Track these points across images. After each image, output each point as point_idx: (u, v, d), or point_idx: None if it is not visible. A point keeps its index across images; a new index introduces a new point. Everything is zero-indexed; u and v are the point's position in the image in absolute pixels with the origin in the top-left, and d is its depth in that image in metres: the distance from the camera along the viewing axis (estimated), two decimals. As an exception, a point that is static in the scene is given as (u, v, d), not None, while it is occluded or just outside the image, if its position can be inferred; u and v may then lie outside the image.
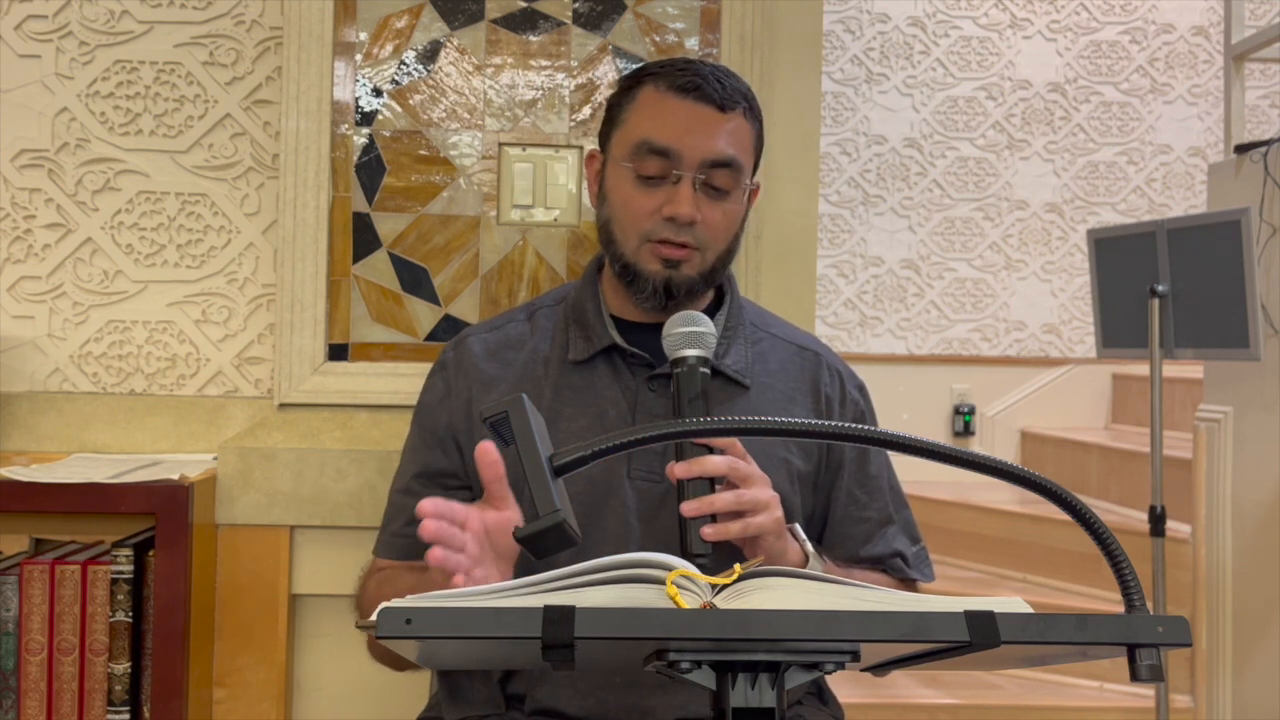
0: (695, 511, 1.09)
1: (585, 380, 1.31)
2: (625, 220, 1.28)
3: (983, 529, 3.73)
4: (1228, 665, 3.00)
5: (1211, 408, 3.10)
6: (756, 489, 1.12)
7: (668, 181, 1.25)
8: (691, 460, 1.11)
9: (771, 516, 1.12)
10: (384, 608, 0.69)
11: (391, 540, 1.35)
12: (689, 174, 1.24)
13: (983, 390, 4.44)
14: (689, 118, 1.25)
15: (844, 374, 1.39)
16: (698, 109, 1.25)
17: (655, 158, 1.25)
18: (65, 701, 1.47)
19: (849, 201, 4.42)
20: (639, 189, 1.27)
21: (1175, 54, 4.50)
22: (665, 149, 1.25)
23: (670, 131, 1.25)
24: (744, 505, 1.11)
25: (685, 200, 1.24)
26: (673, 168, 1.25)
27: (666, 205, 1.25)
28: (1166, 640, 0.71)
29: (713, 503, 1.10)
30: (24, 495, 1.48)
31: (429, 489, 1.32)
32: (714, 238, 1.27)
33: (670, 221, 1.25)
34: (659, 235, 1.26)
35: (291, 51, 1.71)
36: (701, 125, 1.25)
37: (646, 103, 1.28)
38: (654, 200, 1.26)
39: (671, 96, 1.26)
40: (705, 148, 1.25)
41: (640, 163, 1.26)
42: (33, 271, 1.75)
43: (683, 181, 1.24)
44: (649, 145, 1.25)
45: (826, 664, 0.76)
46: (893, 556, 1.36)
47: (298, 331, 1.71)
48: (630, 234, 1.28)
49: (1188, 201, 4.49)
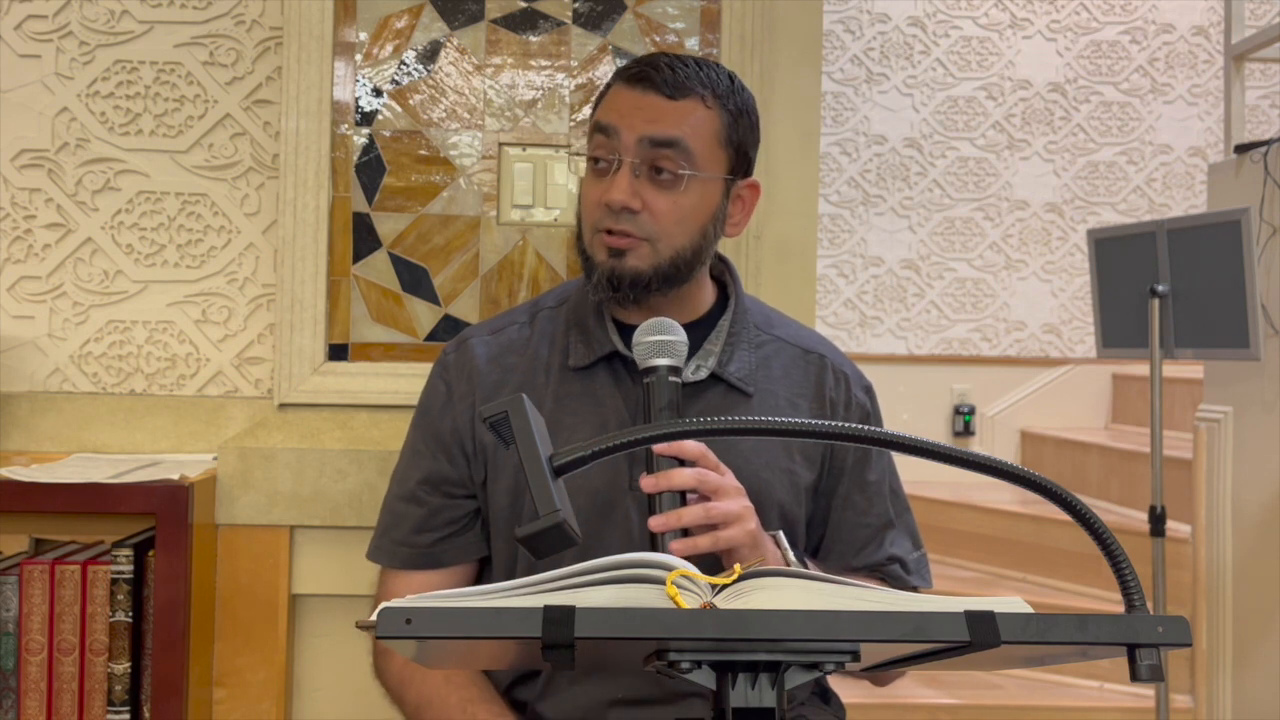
0: (663, 526, 1.07)
1: (586, 387, 1.29)
2: (582, 213, 1.29)
3: (983, 529, 3.73)
4: (1228, 665, 3.00)
5: (1211, 408, 3.10)
6: (728, 501, 1.10)
7: (612, 169, 1.24)
8: (659, 474, 1.10)
9: (744, 529, 1.11)
10: (384, 607, 0.68)
11: (395, 549, 1.32)
12: (628, 158, 1.23)
13: (983, 390, 4.44)
14: (633, 103, 1.24)
15: (850, 376, 1.37)
16: (644, 96, 1.24)
17: (598, 136, 1.25)
18: (65, 701, 1.47)
19: (849, 201, 4.43)
20: (590, 179, 1.27)
21: (1175, 54, 4.50)
22: (605, 126, 1.24)
23: (613, 113, 1.25)
24: (714, 518, 1.09)
25: (618, 187, 1.22)
26: (614, 149, 1.24)
27: (604, 192, 1.24)
28: (1166, 640, 0.71)
29: (681, 516, 1.08)
30: (24, 495, 1.48)
31: (435, 496, 1.31)
32: (663, 229, 1.24)
33: (608, 208, 1.24)
34: (604, 224, 1.25)
35: (291, 51, 1.71)
36: (643, 110, 1.24)
37: (607, 95, 1.29)
38: (600, 189, 1.25)
39: (622, 87, 1.26)
40: (642, 127, 1.23)
41: (591, 147, 1.27)
42: (33, 271, 1.75)
43: (621, 167, 1.23)
44: (596, 125, 1.26)
45: (827, 664, 0.76)
46: (891, 563, 1.35)
47: (298, 331, 1.71)
48: (586, 226, 1.28)
49: (1188, 201, 4.49)
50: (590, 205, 1.26)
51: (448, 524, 1.31)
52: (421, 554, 1.31)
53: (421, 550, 1.31)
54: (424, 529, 1.31)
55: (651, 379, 1.15)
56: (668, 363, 1.15)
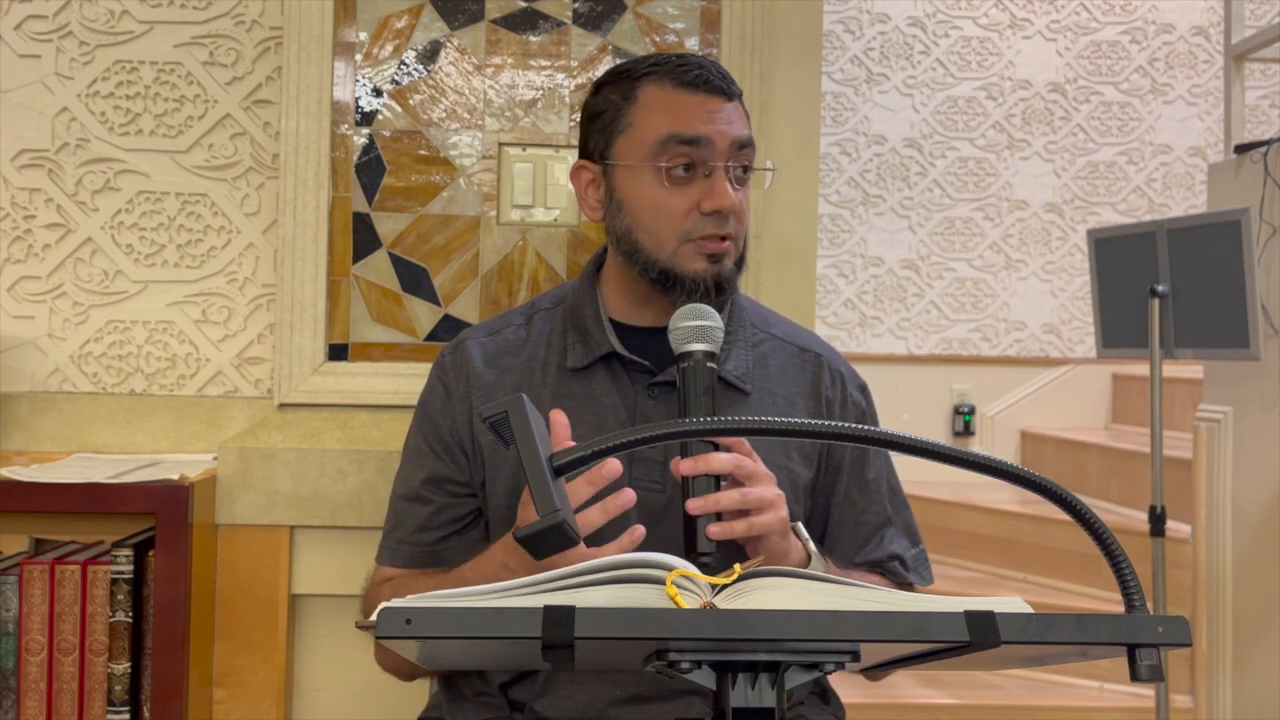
0: (700, 509, 1.08)
1: (584, 387, 1.29)
2: (658, 224, 1.25)
3: (983, 529, 3.73)
4: (1228, 665, 3.00)
5: (1211, 408, 3.10)
6: (762, 487, 1.11)
7: (698, 176, 1.24)
8: (697, 457, 1.10)
9: (776, 515, 1.11)
10: (384, 608, 0.69)
11: (398, 547, 1.33)
12: (721, 163, 1.24)
13: (983, 390, 4.44)
14: (707, 108, 1.24)
15: (846, 375, 1.38)
16: (711, 100, 1.25)
17: (685, 149, 1.23)
18: (65, 701, 1.47)
19: (849, 201, 4.42)
20: (668, 189, 1.24)
21: (1175, 54, 4.50)
22: (695, 138, 1.23)
23: (697, 123, 1.23)
24: (749, 503, 1.10)
25: (726, 191, 1.23)
26: (705, 157, 1.24)
27: (706, 200, 1.23)
28: (1166, 640, 0.71)
29: (718, 500, 1.09)
30: (24, 495, 1.48)
31: (439, 495, 1.32)
32: (744, 225, 1.28)
33: (712, 215, 1.23)
34: (701, 232, 1.24)
35: (291, 51, 1.71)
36: (722, 113, 1.25)
37: (654, 101, 1.26)
38: (688, 198, 1.24)
39: (682, 92, 1.25)
40: (730, 132, 1.24)
41: (670, 159, 1.24)
42: (33, 271, 1.75)
43: (716, 172, 1.24)
44: (677, 138, 1.23)
45: (826, 664, 0.76)
46: (890, 560, 1.35)
47: (298, 331, 1.71)
48: (666, 237, 1.25)
49: (1188, 201, 4.49)
50: (677, 215, 1.24)
51: (451, 522, 1.32)
52: (425, 552, 1.32)
53: (425, 549, 1.32)
54: (428, 527, 1.32)
55: (688, 364, 1.15)
56: (704, 348, 1.15)
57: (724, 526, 1.08)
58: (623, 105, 1.27)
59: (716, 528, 1.08)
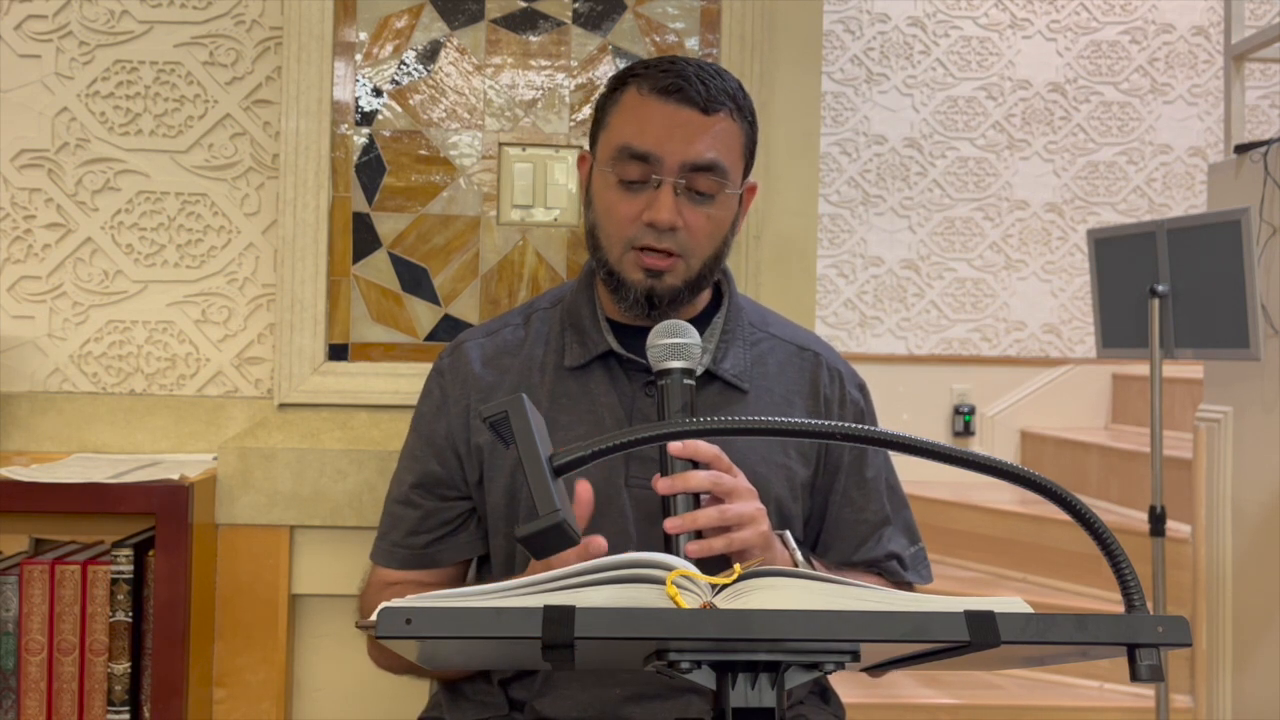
0: (679, 528, 1.07)
1: (581, 387, 1.29)
2: (609, 226, 1.26)
3: (983, 529, 3.73)
4: (1228, 665, 3.00)
5: (1211, 408, 3.10)
6: (741, 503, 1.11)
7: (649, 186, 1.23)
8: (675, 476, 1.09)
9: (756, 531, 1.11)
10: (384, 607, 0.69)
11: (392, 550, 1.34)
12: (669, 179, 1.22)
13: (983, 390, 4.44)
14: (670, 121, 1.22)
15: (844, 374, 1.38)
16: (680, 112, 1.22)
17: (635, 163, 1.23)
18: (65, 701, 1.47)
19: (849, 201, 4.42)
20: (620, 194, 1.24)
21: (1175, 54, 4.50)
22: (645, 154, 1.22)
23: (650, 136, 1.22)
24: (728, 520, 1.09)
25: (665, 206, 1.21)
26: (652, 172, 1.22)
27: (647, 211, 1.22)
28: (1166, 640, 0.71)
29: (696, 519, 1.08)
30: (24, 495, 1.48)
31: (428, 499, 1.33)
32: (697, 244, 1.25)
33: (651, 227, 1.22)
34: (641, 241, 1.23)
35: (291, 51, 1.71)
36: (682, 129, 1.22)
37: (628, 105, 1.25)
38: (635, 205, 1.23)
39: (653, 99, 1.23)
40: (685, 152, 1.22)
41: (621, 168, 1.24)
42: (33, 271, 1.75)
43: (663, 187, 1.22)
44: (629, 150, 1.23)
45: (827, 664, 0.76)
46: (888, 559, 1.35)
47: (298, 331, 1.71)
48: (614, 240, 1.25)
49: (1188, 201, 4.49)
50: (624, 220, 1.24)
51: (441, 525, 1.33)
52: (417, 555, 1.33)
53: (417, 551, 1.33)
54: (418, 531, 1.33)
55: (666, 381, 1.15)
56: (682, 365, 1.15)
57: (702, 544, 1.07)
58: (608, 104, 1.28)
59: (695, 545, 1.07)
